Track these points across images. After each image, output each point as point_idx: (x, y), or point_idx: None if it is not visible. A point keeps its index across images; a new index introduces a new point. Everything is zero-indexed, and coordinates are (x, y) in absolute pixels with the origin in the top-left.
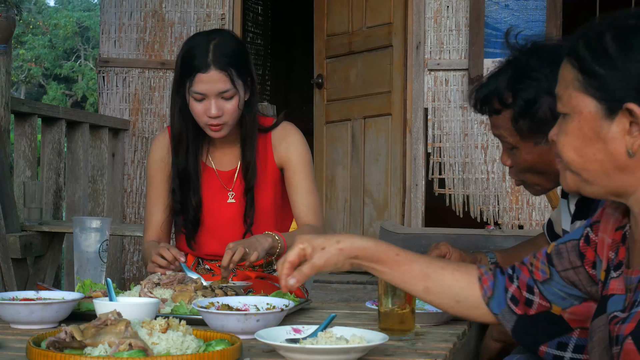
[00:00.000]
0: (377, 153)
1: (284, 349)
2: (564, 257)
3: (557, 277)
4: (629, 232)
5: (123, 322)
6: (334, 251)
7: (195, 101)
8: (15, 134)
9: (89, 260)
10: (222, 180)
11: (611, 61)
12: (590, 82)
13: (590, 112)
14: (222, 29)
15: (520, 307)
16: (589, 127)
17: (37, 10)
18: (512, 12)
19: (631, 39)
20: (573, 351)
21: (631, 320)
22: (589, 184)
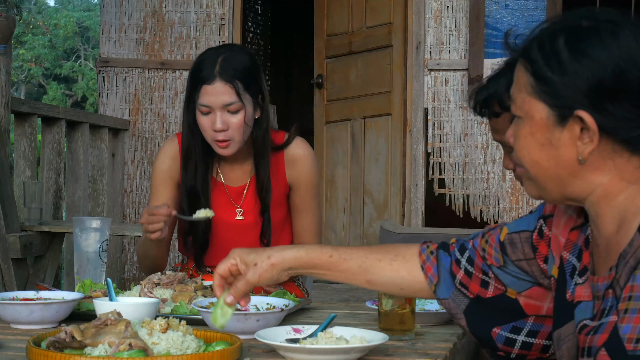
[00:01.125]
0: (377, 153)
1: (284, 349)
2: (518, 247)
3: (511, 265)
4: (592, 237)
5: (123, 322)
6: (265, 267)
7: (201, 115)
8: (15, 134)
9: (89, 260)
10: (231, 196)
11: (563, 66)
12: (542, 87)
13: (542, 118)
14: (236, 44)
15: (472, 292)
16: (541, 133)
17: (37, 10)
18: (512, 12)
19: (583, 43)
20: (526, 335)
21: (603, 330)
22: (546, 191)
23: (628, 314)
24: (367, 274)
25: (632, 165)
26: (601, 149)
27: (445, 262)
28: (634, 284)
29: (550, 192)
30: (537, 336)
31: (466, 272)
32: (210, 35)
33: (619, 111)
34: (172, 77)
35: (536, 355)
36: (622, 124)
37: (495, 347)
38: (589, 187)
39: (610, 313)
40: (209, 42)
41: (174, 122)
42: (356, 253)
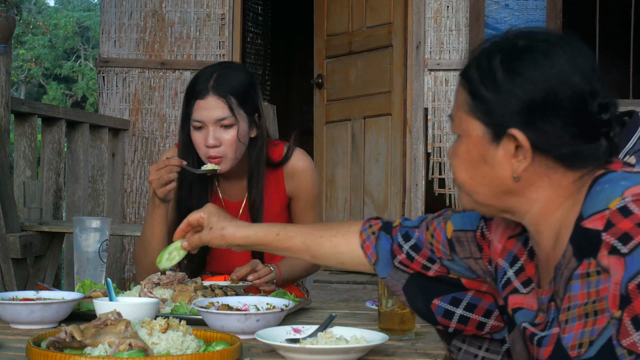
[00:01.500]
0: (377, 153)
1: (284, 349)
2: (465, 246)
3: (459, 261)
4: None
5: (123, 322)
6: (217, 234)
7: (195, 130)
8: (15, 134)
9: (89, 260)
10: (229, 211)
11: (497, 85)
12: (478, 105)
13: (477, 135)
14: (234, 62)
15: (413, 269)
16: (476, 151)
17: (37, 10)
18: (512, 12)
19: (517, 63)
20: (464, 309)
21: (548, 343)
22: (481, 205)
23: (569, 323)
24: (310, 250)
25: (567, 181)
26: (536, 165)
27: (385, 244)
28: (571, 294)
29: (484, 205)
30: (474, 311)
31: (408, 256)
32: (210, 35)
33: (551, 129)
34: (172, 77)
35: (472, 331)
36: (554, 142)
37: (435, 321)
38: (526, 203)
39: (552, 325)
40: (209, 42)
41: (174, 122)
42: (301, 231)
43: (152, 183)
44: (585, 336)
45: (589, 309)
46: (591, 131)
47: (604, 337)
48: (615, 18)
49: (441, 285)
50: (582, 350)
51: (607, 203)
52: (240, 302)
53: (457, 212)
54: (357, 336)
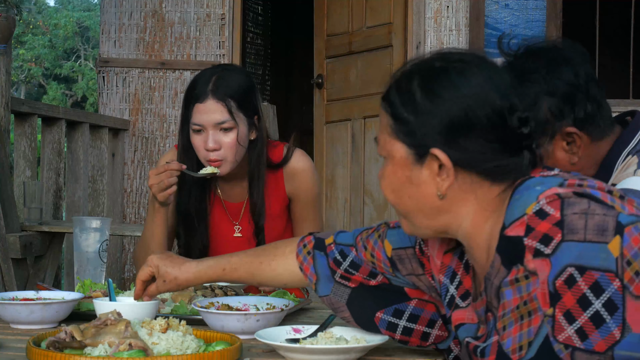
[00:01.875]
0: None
1: (284, 349)
2: (406, 263)
3: (402, 278)
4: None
5: (123, 322)
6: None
7: (194, 134)
8: (15, 134)
9: (89, 260)
10: (230, 213)
11: (417, 107)
12: (400, 127)
13: (401, 157)
14: (233, 65)
15: (354, 281)
16: (402, 172)
17: (37, 10)
18: (512, 12)
19: (435, 84)
20: (407, 320)
21: (490, 352)
22: (416, 226)
23: (506, 329)
24: (255, 278)
25: (491, 195)
26: (460, 182)
27: (321, 262)
28: (505, 301)
29: (420, 227)
30: (417, 322)
31: (347, 272)
32: (210, 35)
33: (472, 146)
34: (172, 77)
35: (417, 342)
36: (477, 158)
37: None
38: (456, 219)
39: (492, 335)
40: (209, 42)
41: (174, 122)
42: (244, 260)
43: (152, 187)
44: (524, 338)
45: (523, 310)
46: (513, 145)
47: (540, 335)
48: (615, 18)
49: (384, 295)
50: (523, 352)
51: (525, 209)
52: (240, 302)
53: (392, 228)
54: (357, 336)
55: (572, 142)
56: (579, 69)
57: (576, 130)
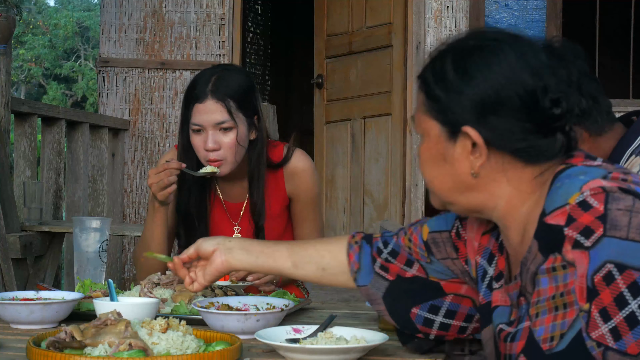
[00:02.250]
0: (377, 153)
1: (284, 349)
2: (441, 247)
3: (437, 263)
4: (504, 246)
5: (123, 322)
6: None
7: (194, 134)
8: (15, 134)
9: (89, 260)
10: (229, 213)
11: (450, 85)
12: (433, 105)
13: (435, 135)
14: (232, 65)
15: (392, 273)
16: (436, 150)
17: (37, 10)
18: (512, 12)
19: (467, 62)
20: (444, 316)
21: (520, 337)
22: (449, 204)
23: (539, 316)
24: (293, 256)
25: (527, 177)
26: (492, 162)
27: (366, 250)
28: (540, 288)
29: (452, 205)
30: (454, 317)
31: (387, 260)
32: (210, 35)
33: (503, 125)
34: (172, 77)
35: (454, 335)
36: (508, 138)
37: (415, 329)
38: (490, 199)
39: (524, 319)
40: (209, 42)
41: (174, 122)
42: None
43: (151, 187)
44: (557, 329)
45: (558, 302)
46: (545, 126)
47: (574, 329)
48: (615, 18)
49: (420, 291)
50: (554, 343)
51: (567, 198)
52: (240, 302)
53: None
54: (357, 336)
55: None
56: (570, 65)
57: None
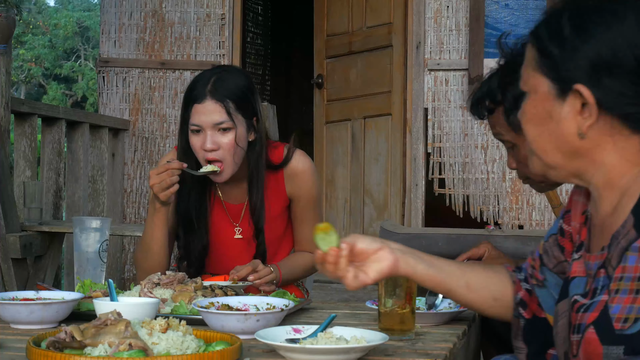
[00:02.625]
0: (377, 153)
1: (284, 349)
2: (549, 254)
3: (549, 277)
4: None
5: (123, 322)
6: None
7: (192, 134)
8: (15, 134)
9: (89, 260)
10: (230, 215)
11: (564, 42)
12: (545, 61)
13: (544, 91)
14: (232, 66)
15: (528, 311)
16: (542, 107)
17: (37, 10)
18: (512, 12)
19: (585, 21)
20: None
21: (594, 309)
22: (550, 167)
23: (619, 294)
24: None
25: (633, 146)
26: (600, 124)
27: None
28: (626, 265)
29: (554, 168)
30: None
31: (527, 290)
32: (210, 35)
33: (617, 87)
34: (172, 77)
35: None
36: (619, 99)
37: None
38: (592, 166)
39: (602, 292)
40: (209, 42)
41: (174, 122)
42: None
43: (153, 187)
44: (633, 312)
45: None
46: None
47: None
48: None
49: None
50: (627, 324)
51: None
52: (240, 302)
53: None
54: (357, 336)
55: None
56: None
57: None
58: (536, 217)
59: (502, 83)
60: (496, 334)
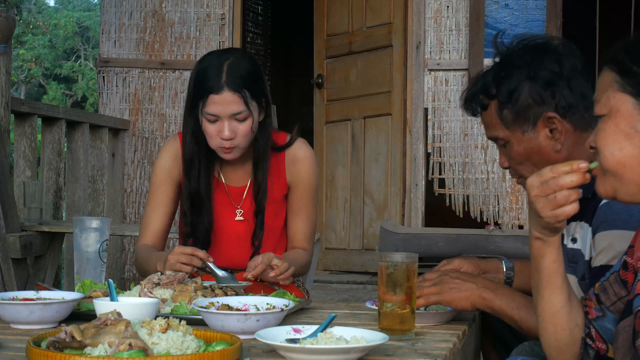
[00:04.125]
0: (377, 153)
1: (284, 349)
2: (609, 291)
3: (608, 313)
4: None
5: (123, 322)
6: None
7: (208, 122)
8: (15, 134)
9: (89, 260)
10: (232, 197)
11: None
12: (628, 80)
13: (627, 108)
14: (236, 49)
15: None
16: (626, 123)
17: (37, 10)
18: (512, 12)
19: None
20: None
21: None
22: (625, 183)
23: None
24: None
25: None
26: None
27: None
28: None
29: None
30: None
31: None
32: (210, 35)
33: None
34: (172, 77)
35: None
36: None
37: None
38: None
39: None
40: (209, 42)
41: (174, 122)
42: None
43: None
44: None
45: None
46: None
47: None
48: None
49: None
50: None
51: None
52: (240, 302)
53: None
54: (357, 336)
55: (555, 129)
56: (564, 60)
57: (557, 115)
58: None
59: (497, 77)
60: (496, 334)
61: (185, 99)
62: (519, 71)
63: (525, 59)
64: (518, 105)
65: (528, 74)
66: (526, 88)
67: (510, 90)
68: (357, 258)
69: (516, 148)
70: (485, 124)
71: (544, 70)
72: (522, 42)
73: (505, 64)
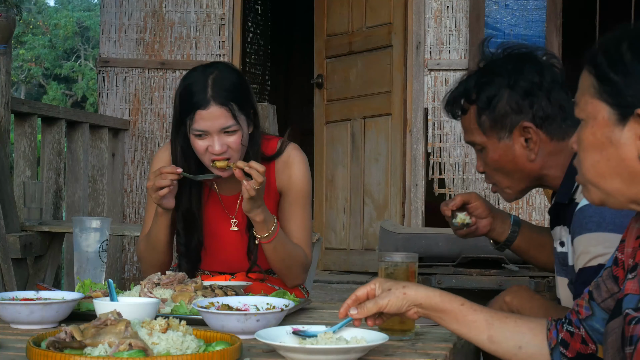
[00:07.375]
0: (377, 153)
1: (284, 349)
2: (601, 288)
3: (597, 311)
4: None
5: (123, 322)
6: (398, 294)
7: (196, 139)
8: (15, 134)
9: (89, 260)
10: (225, 206)
11: (625, 68)
12: (605, 88)
13: (603, 117)
14: (219, 62)
15: (571, 350)
16: (601, 133)
17: (37, 10)
18: (512, 12)
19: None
20: None
21: None
22: (608, 194)
23: None
24: (492, 329)
25: None
26: None
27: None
28: None
29: (612, 194)
30: None
31: (568, 330)
32: (210, 35)
33: None
34: (172, 77)
35: None
36: None
37: None
38: None
39: None
40: (209, 42)
41: None
42: (484, 308)
43: (148, 189)
44: None
45: None
46: None
47: None
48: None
49: None
50: None
51: None
52: (240, 302)
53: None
54: (357, 336)
55: (530, 139)
56: (545, 71)
57: (532, 125)
58: (536, 217)
59: (478, 82)
60: None
61: (172, 118)
62: (500, 79)
63: (507, 67)
64: (496, 112)
65: (508, 82)
66: (505, 96)
67: (490, 96)
68: (357, 258)
69: (491, 154)
70: (464, 128)
71: (524, 80)
72: (507, 50)
73: (487, 70)
